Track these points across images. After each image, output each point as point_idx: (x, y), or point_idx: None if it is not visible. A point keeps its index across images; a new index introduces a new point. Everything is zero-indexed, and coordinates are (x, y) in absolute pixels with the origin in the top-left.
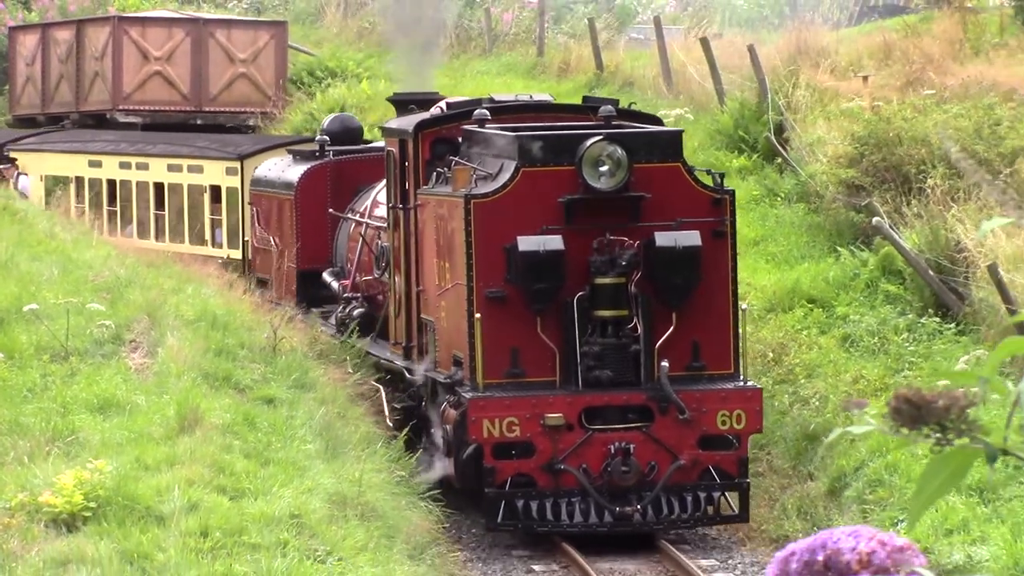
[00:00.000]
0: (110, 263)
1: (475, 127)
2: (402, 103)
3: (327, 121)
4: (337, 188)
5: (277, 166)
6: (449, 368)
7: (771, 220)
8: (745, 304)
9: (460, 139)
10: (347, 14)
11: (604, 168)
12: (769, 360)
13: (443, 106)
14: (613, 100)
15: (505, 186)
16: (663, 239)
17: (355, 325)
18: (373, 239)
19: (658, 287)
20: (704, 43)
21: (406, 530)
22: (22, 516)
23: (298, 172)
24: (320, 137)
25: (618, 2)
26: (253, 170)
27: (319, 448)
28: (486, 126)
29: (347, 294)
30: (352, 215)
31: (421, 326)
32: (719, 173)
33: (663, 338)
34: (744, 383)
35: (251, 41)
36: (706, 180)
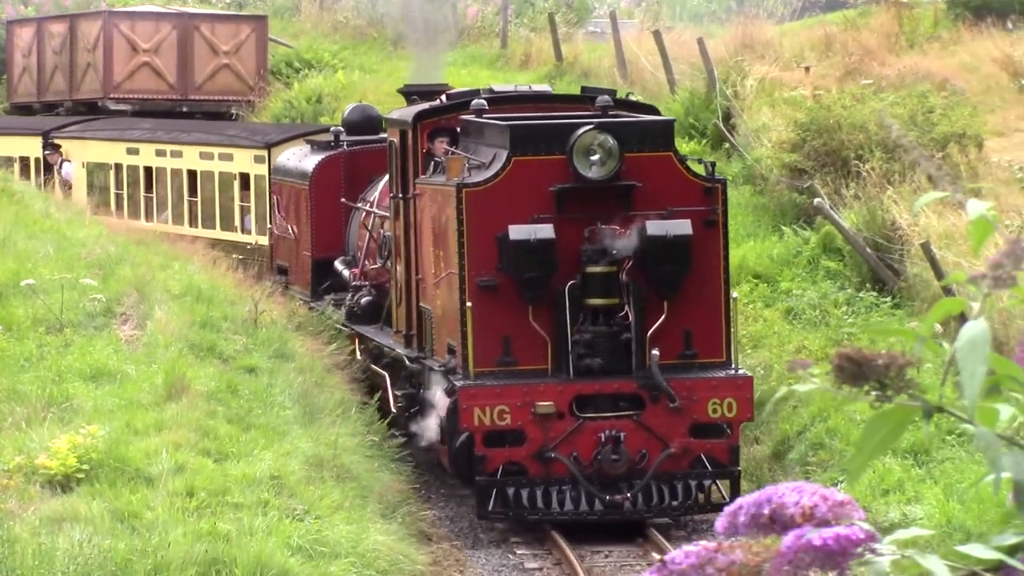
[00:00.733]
0: (102, 241)
1: (471, 117)
2: (409, 95)
3: (348, 110)
4: (351, 178)
5: (295, 155)
6: (444, 356)
7: None
8: (735, 293)
9: (458, 129)
10: (323, 8)
11: (595, 157)
12: None
13: (444, 98)
14: (611, 90)
15: (497, 175)
16: (654, 228)
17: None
18: (379, 228)
19: (649, 276)
20: (656, 36)
21: (378, 490)
22: (19, 477)
23: (314, 162)
24: (335, 128)
25: None
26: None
27: (297, 414)
28: (485, 116)
29: (356, 282)
30: (363, 204)
31: (420, 314)
32: (711, 162)
33: (655, 327)
34: (736, 371)
35: (233, 34)
36: (698, 170)
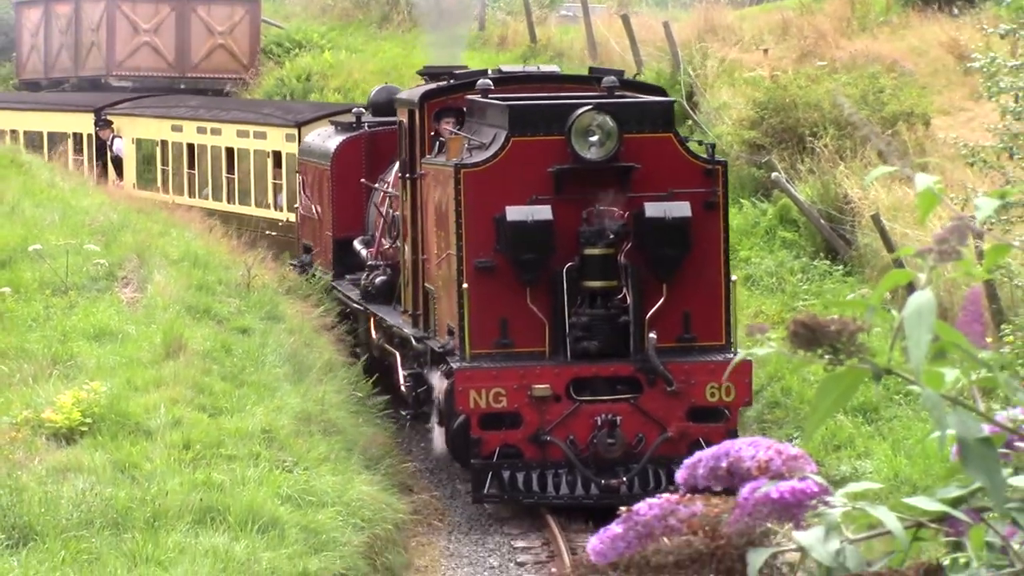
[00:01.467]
0: (104, 209)
1: (476, 97)
2: (427, 76)
3: (374, 92)
4: (371, 158)
5: (320, 136)
6: (445, 336)
7: None
8: (734, 276)
9: (464, 109)
10: None
11: (594, 138)
12: None
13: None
14: (618, 71)
15: (495, 155)
16: (653, 210)
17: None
18: (389, 208)
19: (648, 258)
20: (625, 20)
21: (362, 444)
22: (27, 430)
23: (336, 143)
24: (357, 108)
25: None
26: None
27: (287, 372)
28: (491, 96)
29: (371, 261)
30: (380, 185)
31: (426, 295)
32: (711, 144)
33: (653, 309)
34: (734, 355)
35: (228, 16)
36: (699, 151)
